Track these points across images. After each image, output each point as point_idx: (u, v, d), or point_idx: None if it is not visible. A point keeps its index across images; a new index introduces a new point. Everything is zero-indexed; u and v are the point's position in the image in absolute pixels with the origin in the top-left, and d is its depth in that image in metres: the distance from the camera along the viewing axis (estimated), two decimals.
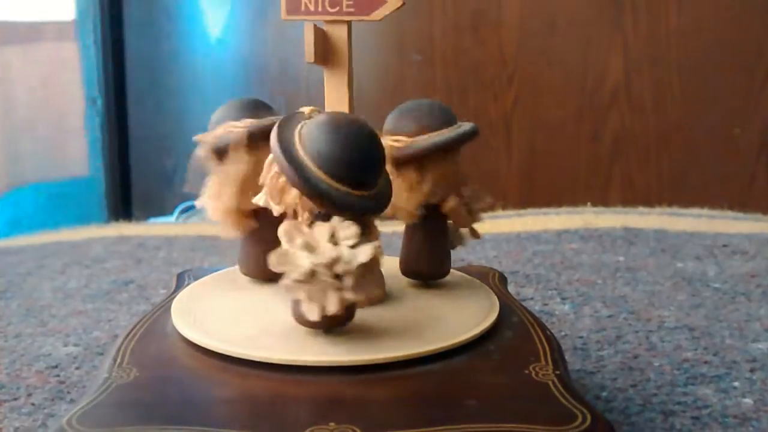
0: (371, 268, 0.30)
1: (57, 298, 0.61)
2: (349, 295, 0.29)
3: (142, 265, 0.70)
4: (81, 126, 1.34)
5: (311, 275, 0.29)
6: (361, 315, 0.34)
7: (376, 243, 0.30)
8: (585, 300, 0.56)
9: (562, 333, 0.50)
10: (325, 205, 0.29)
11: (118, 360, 0.32)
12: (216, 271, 0.42)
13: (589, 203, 0.86)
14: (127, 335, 0.35)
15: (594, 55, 1.25)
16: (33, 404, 0.42)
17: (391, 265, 0.39)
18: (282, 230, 0.30)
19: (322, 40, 0.35)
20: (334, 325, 0.31)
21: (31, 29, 1.27)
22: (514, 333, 0.35)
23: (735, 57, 1.18)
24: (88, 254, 0.74)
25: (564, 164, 1.29)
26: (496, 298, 0.37)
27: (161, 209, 1.41)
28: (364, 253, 0.29)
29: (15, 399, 0.43)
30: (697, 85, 1.21)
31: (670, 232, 0.74)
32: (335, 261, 0.29)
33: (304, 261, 0.29)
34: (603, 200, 1.19)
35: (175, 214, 1.27)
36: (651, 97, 1.24)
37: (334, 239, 0.29)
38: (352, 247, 0.29)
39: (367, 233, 0.30)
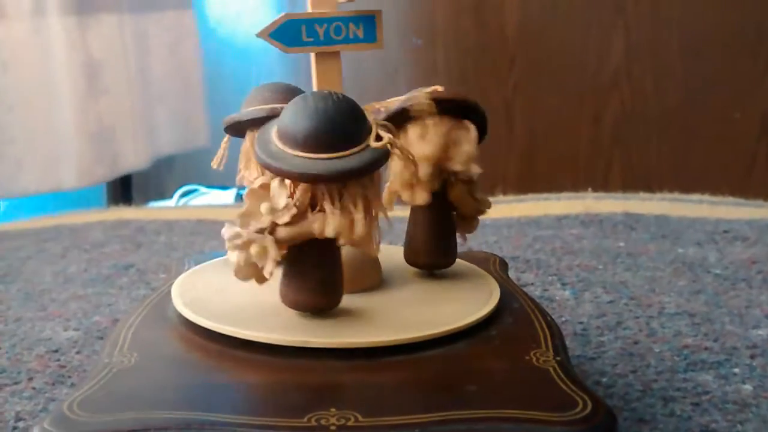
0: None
1: (57, 283, 0.61)
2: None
3: (142, 250, 0.70)
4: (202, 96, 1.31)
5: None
6: (363, 300, 0.34)
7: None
8: (585, 286, 0.56)
9: (563, 319, 0.50)
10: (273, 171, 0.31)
11: (119, 345, 0.32)
12: (216, 255, 0.42)
13: (589, 188, 0.86)
14: (128, 320, 0.35)
15: (595, 38, 1.25)
16: (34, 388, 0.42)
17: (393, 252, 0.39)
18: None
19: None
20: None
21: None
22: (515, 319, 0.35)
23: (736, 41, 1.18)
24: (88, 238, 0.74)
25: (564, 148, 1.28)
26: (496, 283, 0.37)
27: (161, 193, 1.40)
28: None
29: (16, 383, 0.43)
30: (698, 69, 1.20)
31: (671, 217, 0.74)
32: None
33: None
34: (603, 184, 1.19)
35: (175, 198, 1.27)
36: (652, 81, 1.24)
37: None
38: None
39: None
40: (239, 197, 1.20)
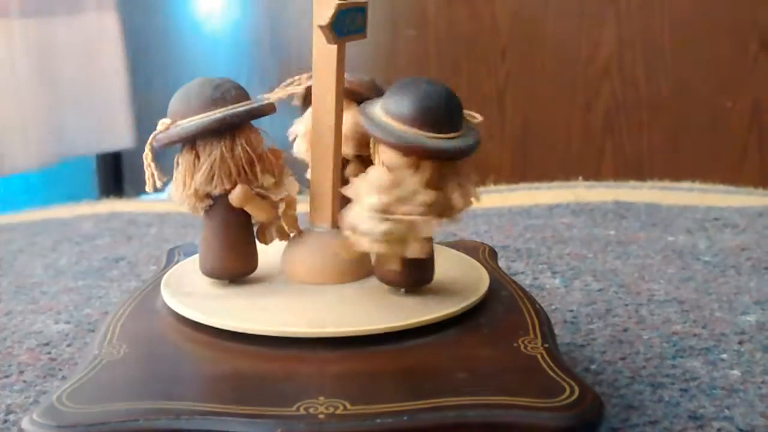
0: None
1: (48, 276, 0.61)
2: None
3: (133, 242, 0.70)
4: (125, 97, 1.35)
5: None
6: (352, 289, 0.34)
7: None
8: (575, 274, 0.56)
9: (553, 307, 0.50)
10: (401, 149, 0.31)
11: (108, 337, 0.32)
12: None
13: (580, 177, 0.86)
14: (117, 312, 0.35)
15: (587, 27, 1.25)
16: (25, 381, 0.42)
17: None
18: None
19: None
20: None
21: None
22: (504, 307, 0.35)
23: (728, 29, 1.18)
24: (79, 231, 0.74)
25: (556, 137, 1.28)
26: (485, 272, 0.37)
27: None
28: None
29: (7, 377, 0.43)
30: (690, 58, 1.21)
31: (661, 205, 0.74)
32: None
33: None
34: (595, 172, 1.20)
35: (167, 190, 1.26)
36: (643, 70, 1.24)
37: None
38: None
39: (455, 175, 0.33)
40: None
